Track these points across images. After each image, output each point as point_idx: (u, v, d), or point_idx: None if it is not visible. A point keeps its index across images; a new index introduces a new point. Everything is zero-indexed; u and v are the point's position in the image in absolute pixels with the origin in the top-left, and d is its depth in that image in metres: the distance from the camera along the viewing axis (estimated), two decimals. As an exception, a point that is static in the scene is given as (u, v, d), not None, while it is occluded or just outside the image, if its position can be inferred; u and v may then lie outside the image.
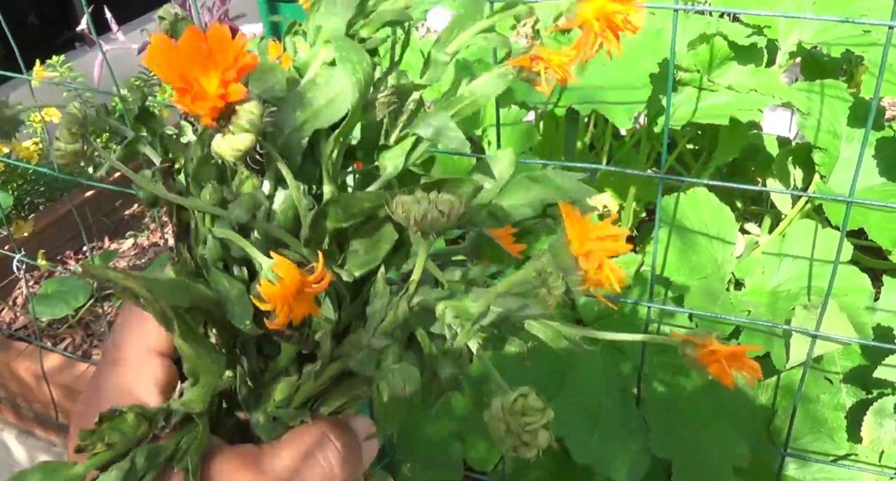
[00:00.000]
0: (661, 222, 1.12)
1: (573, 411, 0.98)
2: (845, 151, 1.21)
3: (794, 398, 0.99)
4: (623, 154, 1.36)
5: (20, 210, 1.88)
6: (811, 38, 1.30)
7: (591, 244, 0.32)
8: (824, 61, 1.42)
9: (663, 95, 1.17)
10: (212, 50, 0.37)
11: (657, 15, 1.28)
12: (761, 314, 1.05)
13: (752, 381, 0.39)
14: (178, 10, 0.42)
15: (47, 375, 1.45)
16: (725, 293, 1.09)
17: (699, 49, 1.25)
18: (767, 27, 1.31)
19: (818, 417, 1.05)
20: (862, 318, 1.05)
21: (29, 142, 1.90)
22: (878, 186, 1.18)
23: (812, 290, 1.10)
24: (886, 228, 1.08)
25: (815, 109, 1.21)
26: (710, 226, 1.13)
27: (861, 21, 0.65)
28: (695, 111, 1.16)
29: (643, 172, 0.77)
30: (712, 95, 1.19)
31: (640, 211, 1.39)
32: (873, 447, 0.99)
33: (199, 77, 0.37)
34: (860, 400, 1.05)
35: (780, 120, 1.75)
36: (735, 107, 1.15)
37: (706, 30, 1.27)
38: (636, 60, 1.15)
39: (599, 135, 1.42)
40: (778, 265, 1.14)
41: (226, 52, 0.37)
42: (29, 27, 2.61)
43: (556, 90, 1.10)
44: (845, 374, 1.07)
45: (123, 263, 1.91)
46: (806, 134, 1.21)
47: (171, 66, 0.36)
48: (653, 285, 0.93)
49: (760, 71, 1.25)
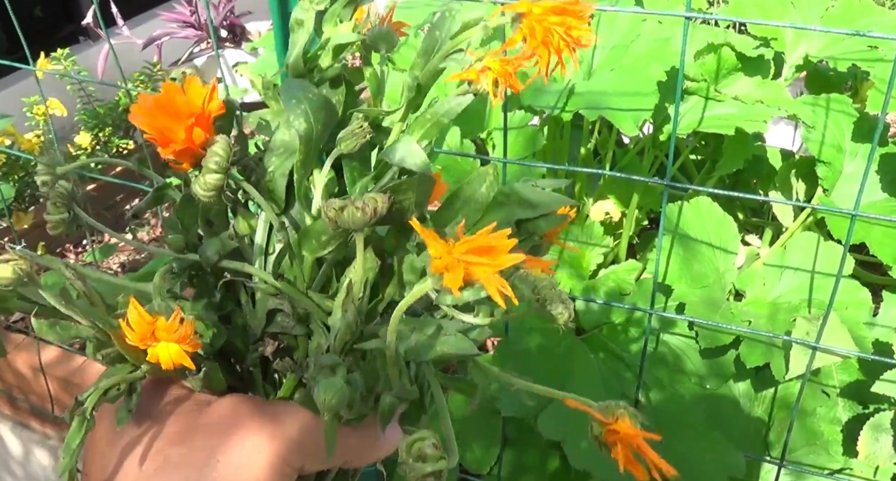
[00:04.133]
0: (664, 230, 1.12)
1: (571, 417, 0.98)
2: (849, 166, 1.21)
3: (790, 410, 0.99)
4: (627, 161, 1.37)
5: (21, 202, 1.87)
6: (818, 52, 1.30)
7: (448, 259, 0.32)
8: (830, 75, 1.43)
9: (670, 104, 1.17)
10: (189, 102, 0.40)
11: (665, 23, 1.28)
12: (761, 325, 1.05)
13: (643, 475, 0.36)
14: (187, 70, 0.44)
15: (45, 368, 1.44)
16: (726, 303, 1.09)
17: (706, 59, 1.25)
18: (774, 39, 1.31)
19: (814, 430, 1.05)
20: (861, 333, 1.06)
21: (31, 134, 1.90)
22: (881, 201, 1.18)
23: (812, 303, 1.10)
24: (888, 244, 1.08)
25: (819, 123, 1.21)
26: (713, 236, 1.13)
27: (870, 34, 0.65)
28: (700, 120, 1.17)
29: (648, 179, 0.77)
30: (718, 105, 1.20)
31: (642, 218, 1.39)
32: (868, 462, 0.99)
33: (173, 128, 0.40)
34: (857, 414, 1.05)
35: (783, 132, 1.75)
36: (741, 118, 1.15)
37: (714, 40, 1.27)
38: (644, 68, 1.15)
39: (604, 142, 1.42)
40: (779, 277, 1.14)
41: (195, 101, 0.40)
42: (33, 20, 2.61)
43: (562, 95, 1.10)
44: (842, 388, 1.07)
45: (123, 257, 1.91)
46: (810, 147, 1.21)
47: (150, 121, 0.40)
48: (654, 293, 0.93)
49: (767, 83, 1.25)
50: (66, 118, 2.04)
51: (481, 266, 0.32)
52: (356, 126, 0.43)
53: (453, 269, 0.32)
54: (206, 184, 0.40)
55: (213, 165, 0.39)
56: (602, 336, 1.07)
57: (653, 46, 1.18)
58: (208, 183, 0.40)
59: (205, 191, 0.40)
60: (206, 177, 0.40)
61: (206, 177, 0.40)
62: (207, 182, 0.40)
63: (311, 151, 0.43)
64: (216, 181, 0.40)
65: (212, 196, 0.40)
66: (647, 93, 1.07)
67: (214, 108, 0.40)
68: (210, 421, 0.40)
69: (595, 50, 1.25)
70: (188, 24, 2.56)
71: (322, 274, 0.46)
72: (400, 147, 0.42)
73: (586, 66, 1.25)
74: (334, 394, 0.37)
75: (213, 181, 0.40)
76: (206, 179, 0.40)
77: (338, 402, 0.37)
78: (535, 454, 1.09)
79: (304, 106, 0.42)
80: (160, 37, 2.46)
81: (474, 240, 0.32)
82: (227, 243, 0.45)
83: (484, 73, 0.40)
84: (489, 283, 0.32)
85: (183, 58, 2.54)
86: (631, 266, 1.19)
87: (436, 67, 0.43)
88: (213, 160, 0.39)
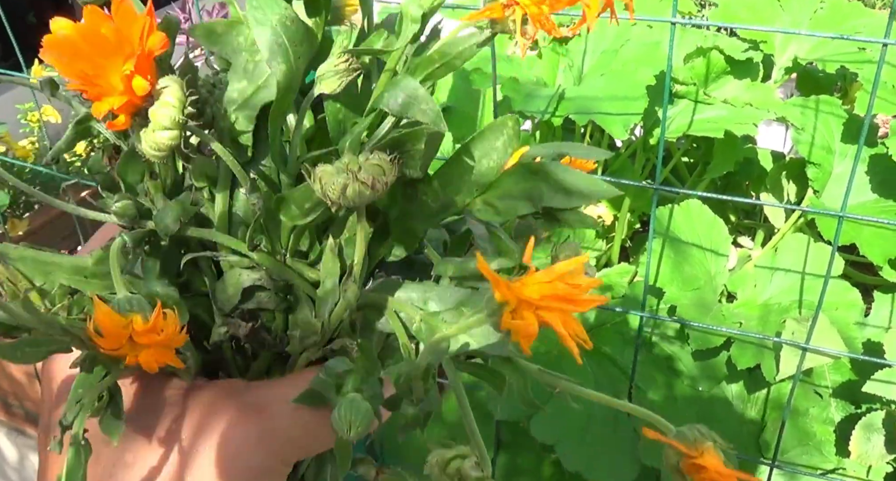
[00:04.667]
0: (655, 233, 1.13)
1: (564, 419, 0.99)
2: (839, 167, 1.22)
3: (783, 411, 0.99)
4: (618, 165, 1.37)
5: (16, 208, 1.88)
6: (807, 54, 1.31)
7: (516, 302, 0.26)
8: (819, 77, 1.43)
9: (659, 107, 1.18)
10: (119, 34, 0.30)
11: (654, 28, 1.29)
12: (752, 327, 1.05)
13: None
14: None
15: (39, 373, 1.44)
16: (717, 305, 1.09)
17: (695, 62, 1.26)
18: (764, 42, 1.32)
19: (807, 431, 1.06)
20: (852, 333, 1.06)
21: (25, 141, 1.90)
22: (871, 202, 1.19)
23: (803, 304, 1.10)
24: (878, 244, 1.09)
25: (809, 125, 1.22)
26: (704, 239, 1.14)
27: (855, 38, 0.66)
28: (690, 124, 1.17)
29: (638, 183, 0.78)
30: (708, 108, 1.20)
31: (634, 222, 1.39)
32: (861, 461, 0.99)
33: (104, 69, 0.30)
34: (849, 414, 1.05)
35: (774, 134, 1.76)
36: (730, 120, 1.16)
37: (703, 43, 1.28)
38: (633, 72, 1.16)
39: (595, 146, 1.43)
40: (770, 278, 1.15)
41: (129, 36, 0.30)
42: (27, 27, 2.61)
43: (553, 100, 1.10)
44: (835, 389, 1.08)
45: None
46: (800, 149, 1.21)
47: (71, 62, 0.30)
48: (646, 295, 0.93)
49: (756, 85, 1.25)
50: (60, 125, 2.04)
51: (556, 312, 0.25)
52: (340, 59, 0.34)
53: (523, 316, 0.25)
54: (157, 143, 0.31)
55: (166, 120, 0.31)
56: (594, 339, 1.08)
57: (642, 51, 1.19)
58: (159, 142, 0.31)
59: (155, 151, 0.32)
60: (156, 135, 0.31)
61: (157, 136, 0.31)
62: (158, 141, 0.31)
63: (288, 97, 0.35)
64: (170, 139, 0.31)
65: (164, 156, 0.32)
66: (636, 97, 1.08)
67: (156, 44, 0.31)
68: (193, 415, 0.37)
69: (585, 55, 1.26)
70: (182, 30, 2.56)
71: (302, 239, 0.39)
72: (401, 91, 0.33)
73: (576, 71, 1.25)
74: (361, 420, 0.32)
75: (167, 139, 0.31)
76: (157, 138, 0.31)
77: (364, 427, 0.32)
78: (530, 457, 1.10)
79: (282, 38, 0.33)
80: (154, 43, 2.46)
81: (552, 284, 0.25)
82: (188, 208, 0.37)
83: (511, 8, 0.31)
84: (561, 329, 0.25)
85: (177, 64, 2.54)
86: (623, 269, 1.20)
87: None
88: (165, 114, 0.31)
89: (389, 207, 0.37)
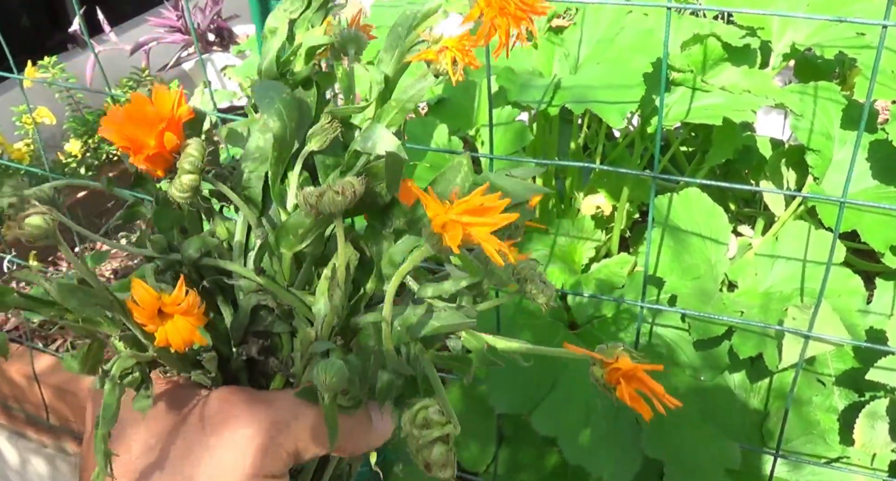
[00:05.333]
0: (654, 222, 1.12)
1: (565, 411, 0.98)
2: (838, 153, 1.21)
3: (786, 400, 0.99)
4: (616, 155, 1.36)
5: (12, 210, 1.87)
6: (805, 40, 1.30)
7: (446, 217, 0.33)
8: (818, 63, 1.42)
9: (656, 95, 1.17)
10: (158, 112, 0.41)
11: (650, 15, 1.28)
12: (754, 315, 1.05)
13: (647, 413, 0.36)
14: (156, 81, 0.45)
15: (39, 376, 1.44)
16: (718, 294, 1.08)
17: (692, 49, 1.25)
18: (761, 29, 1.30)
19: (810, 419, 1.05)
20: (854, 320, 1.05)
21: (20, 143, 1.89)
22: (872, 188, 1.18)
23: (805, 292, 1.09)
24: (879, 231, 1.08)
25: (808, 111, 1.20)
26: (704, 227, 1.13)
27: (854, 20, 0.65)
28: (688, 111, 1.16)
29: (637, 172, 0.77)
30: (706, 96, 1.19)
31: (633, 212, 1.38)
32: (865, 449, 0.99)
33: (144, 136, 0.41)
34: (853, 402, 1.05)
35: (773, 122, 1.75)
36: (728, 108, 1.14)
37: (700, 30, 1.27)
38: (629, 60, 1.15)
39: (593, 136, 1.42)
40: (771, 267, 1.14)
41: (164, 108, 0.41)
42: (21, 29, 2.60)
43: (549, 89, 1.09)
44: (838, 377, 1.07)
45: (115, 264, 1.90)
46: (799, 136, 1.20)
47: (120, 132, 0.41)
48: (645, 285, 0.92)
49: (754, 72, 1.24)
50: (55, 126, 2.03)
51: (478, 226, 0.33)
52: (325, 121, 0.44)
53: (452, 229, 0.33)
54: (182, 185, 0.41)
55: (188, 166, 0.41)
56: (594, 330, 1.07)
57: (638, 38, 1.18)
58: (184, 184, 0.41)
59: (181, 193, 0.41)
60: (181, 178, 0.41)
61: (182, 179, 0.41)
62: (183, 183, 0.41)
63: (286, 150, 0.44)
64: (191, 181, 0.41)
65: (188, 197, 0.41)
66: (632, 85, 1.06)
67: (183, 112, 0.41)
68: (207, 413, 0.42)
69: (580, 44, 1.24)
70: (175, 29, 2.55)
71: (303, 273, 0.46)
72: (370, 134, 0.43)
73: (572, 60, 1.24)
74: (334, 374, 0.38)
75: (189, 181, 0.41)
76: (182, 180, 0.41)
77: (338, 381, 0.38)
78: (532, 451, 1.09)
79: (278, 105, 0.43)
80: (147, 42, 2.46)
81: (469, 200, 0.33)
82: (208, 241, 0.46)
83: (442, 53, 0.41)
84: (487, 242, 0.33)
85: (171, 63, 2.53)
86: (623, 259, 1.19)
87: (401, 60, 0.44)
88: (188, 161, 0.41)
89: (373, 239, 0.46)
